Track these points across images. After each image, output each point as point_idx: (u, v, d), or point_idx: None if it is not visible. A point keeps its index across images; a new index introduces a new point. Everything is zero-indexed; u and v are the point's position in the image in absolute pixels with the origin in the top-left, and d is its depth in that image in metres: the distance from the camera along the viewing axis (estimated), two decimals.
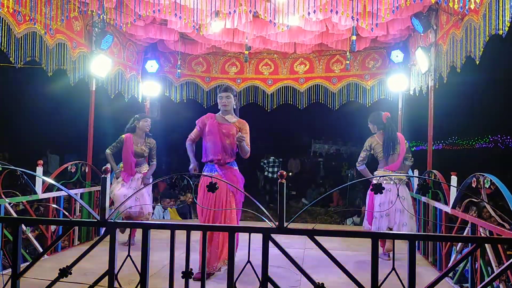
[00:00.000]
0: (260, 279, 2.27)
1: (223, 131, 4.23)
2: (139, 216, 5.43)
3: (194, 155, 4.42)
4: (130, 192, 5.28)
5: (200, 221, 4.25)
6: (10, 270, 2.46)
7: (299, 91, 7.49)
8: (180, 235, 2.38)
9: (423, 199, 5.28)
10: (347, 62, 6.71)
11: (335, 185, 11.65)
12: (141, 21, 5.76)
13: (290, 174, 14.55)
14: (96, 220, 2.42)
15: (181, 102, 7.78)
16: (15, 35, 4.33)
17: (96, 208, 5.66)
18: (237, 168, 4.35)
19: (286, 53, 7.25)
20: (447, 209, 4.47)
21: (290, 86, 7.54)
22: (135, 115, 5.68)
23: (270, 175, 12.75)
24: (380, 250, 4.81)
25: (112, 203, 5.32)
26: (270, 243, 2.29)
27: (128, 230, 5.47)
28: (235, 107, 4.39)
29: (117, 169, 5.52)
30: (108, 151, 5.48)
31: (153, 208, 7.97)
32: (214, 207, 4.09)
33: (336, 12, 4.58)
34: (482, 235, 3.59)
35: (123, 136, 5.55)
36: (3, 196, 3.99)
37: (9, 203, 4.38)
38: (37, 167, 4.77)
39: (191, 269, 2.34)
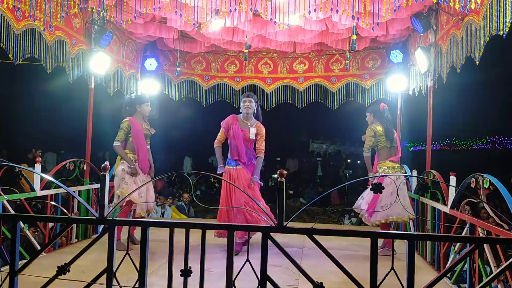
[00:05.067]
0: (259, 278, 2.26)
1: (245, 137, 5.01)
2: (149, 211, 5.20)
3: (222, 159, 5.05)
4: (150, 188, 5.18)
5: (222, 205, 5.01)
6: (8, 267, 2.45)
7: (298, 90, 7.48)
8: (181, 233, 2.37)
9: (422, 199, 5.28)
10: (347, 61, 6.71)
11: (333, 185, 11.71)
12: (141, 19, 5.74)
13: (288, 172, 14.57)
14: (94, 218, 2.41)
15: (180, 100, 7.76)
16: (14, 31, 4.31)
17: (94, 206, 5.65)
18: (255, 161, 5.13)
19: (286, 52, 7.23)
20: (446, 209, 4.47)
21: (289, 85, 7.52)
22: (131, 96, 5.26)
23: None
24: (380, 242, 4.82)
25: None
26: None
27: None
28: (255, 112, 5.17)
29: (134, 164, 4.98)
30: (116, 143, 4.98)
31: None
32: (236, 193, 4.83)
33: (337, 11, 4.58)
34: (481, 235, 3.59)
35: (128, 119, 5.07)
36: (1, 193, 3.98)
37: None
38: (35, 164, 4.76)
39: (190, 267, 2.33)
